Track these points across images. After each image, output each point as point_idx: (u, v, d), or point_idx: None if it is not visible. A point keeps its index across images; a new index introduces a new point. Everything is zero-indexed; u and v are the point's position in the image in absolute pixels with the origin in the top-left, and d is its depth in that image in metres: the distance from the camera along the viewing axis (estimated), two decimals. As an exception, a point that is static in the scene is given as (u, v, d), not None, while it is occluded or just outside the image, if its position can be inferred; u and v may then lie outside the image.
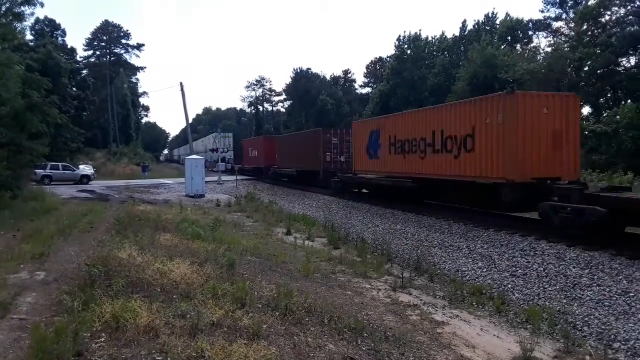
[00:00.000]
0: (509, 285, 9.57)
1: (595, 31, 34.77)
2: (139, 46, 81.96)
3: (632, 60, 34.39)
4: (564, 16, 42.75)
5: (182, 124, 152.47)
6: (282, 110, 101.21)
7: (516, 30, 47.27)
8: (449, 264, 11.44)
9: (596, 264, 9.70)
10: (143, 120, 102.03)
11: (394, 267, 11.04)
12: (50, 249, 9.92)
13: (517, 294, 9.13)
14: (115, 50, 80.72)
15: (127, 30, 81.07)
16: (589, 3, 35.94)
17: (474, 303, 8.53)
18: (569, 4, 41.86)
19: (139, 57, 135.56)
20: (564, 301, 8.42)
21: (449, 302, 8.54)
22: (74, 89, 52.72)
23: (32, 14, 22.87)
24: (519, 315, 7.87)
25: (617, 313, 7.68)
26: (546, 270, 9.93)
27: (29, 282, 7.57)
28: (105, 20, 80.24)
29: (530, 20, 46.11)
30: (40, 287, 7.28)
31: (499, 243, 12.27)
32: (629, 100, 33.17)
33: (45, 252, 9.51)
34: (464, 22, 61.75)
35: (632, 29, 32.87)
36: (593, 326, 7.39)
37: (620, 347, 6.73)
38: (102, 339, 5.06)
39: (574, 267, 9.78)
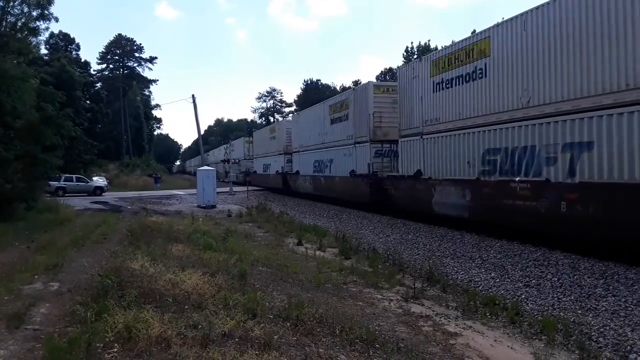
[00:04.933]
0: (523, 296, 9.45)
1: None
2: (151, 59, 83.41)
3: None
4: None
5: (194, 136, 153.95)
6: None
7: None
8: (462, 274, 11.34)
9: (611, 274, 9.57)
10: (155, 132, 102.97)
11: (406, 277, 10.95)
12: (64, 260, 10.03)
13: (531, 304, 9.01)
14: (129, 64, 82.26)
15: (140, 44, 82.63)
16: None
17: (488, 314, 8.41)
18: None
19: (151, 70, 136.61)
20: (579, 312, 8.30)
21: (462, 312, 8.44)
22: (88, 102, 53.60)
23: (47, 28, 23.28)
24: (533, 326, 7.74)
25: (633, 324, 7.54)
26: (560, 281, 9.80)
27: (43, 292, 7.65)
28: (118, 34, 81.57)
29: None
30: (54, 297, 7.35)
31: (512, 253, 12.16)
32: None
33: (59, 263, 9.61)
34: (474, 32, 61.40)
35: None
36: (609, 337, 7.26)
37: (636, 359, 6.61)
38: (115, 350, 5.09)
39: (588, 277, 9.65)
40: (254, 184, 46.14)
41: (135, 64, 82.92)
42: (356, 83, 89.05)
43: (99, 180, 39.44)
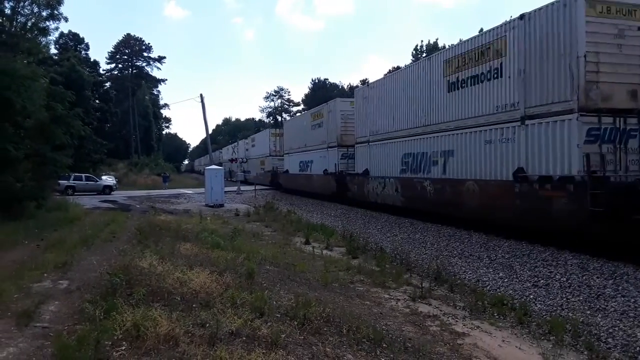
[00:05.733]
0: (531, 296, 9.40)
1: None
2: (160, 59, 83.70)
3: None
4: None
5: (202, 135, 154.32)
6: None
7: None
8: (470, 274, 11.30)
9: (621, 275, 9.49)
10: (164, 132, 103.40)
11: (413, 277, 10.94)
12: (73, 258, 10.09)
13: (540, 304, 8.96)
14: (137, 63, 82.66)
15: (149, 44, 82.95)
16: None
17: (495, 314, 8.39)
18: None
19: (160, 69, 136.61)
20: (588, 312, 8.24)
21: (469, 312, 8.42)
22: (97, 101, 54.03)
23: (57, 28, 23.56)
24: (541, 327, 7.71)
25: (643, 325, 7.48)
26: (569, 281, 9.74)
27: (52, 290, 7.70)
28: (127, 34, 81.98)
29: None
30: (63, 295, 7.40)
31: (521, 253, 12.09)
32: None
33: (69, 262, 9.67)
34: (481, 30, 61.09)
35: None
36: (618, 338, 7.21)
37: (647, 360, 6.54)
38: (123, 348, 5.12)
39: (597, 278, 9.58)
40: (285, 186, 38.99)
41: (144, 64, 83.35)
42: (363, 82, 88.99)
43: (108, 179, 39.68)
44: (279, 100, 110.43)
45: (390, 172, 20.97)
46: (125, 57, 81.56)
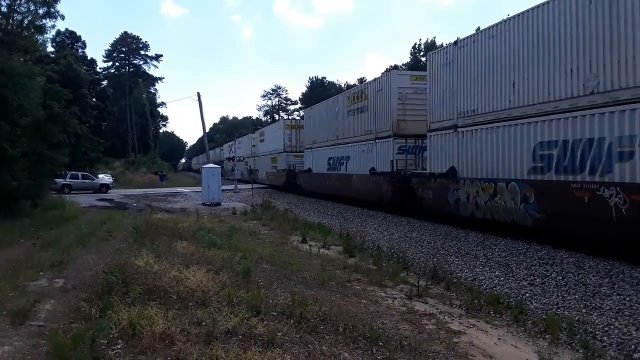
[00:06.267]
0: (527, 294, 9.42)
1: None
2: (157, 57, 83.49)
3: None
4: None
5: (200, 133, 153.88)
6: (298, 118, 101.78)
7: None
8: (466, 272, 11.32)
9: (616, 273, 9.52)
10: (161, 130, 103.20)
11: (410, 275, 10.93)
12: (69, 257, 10.06)
13: (536, 303, 8.98)
14: (134, 62, 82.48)
15: (146, 42, 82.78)
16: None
17: (492, 312, 8.39)
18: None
19: (157, 67, 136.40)
20: (584, 310, 8.26)
21: (465, 311, 8.42)
22: (94, 99, 53.92)
23: (53, 26, 23.49)
24: (537, 325, 7.72)
25: (638, 323, 7.50)
26: (565, 279, 9.76)
27: (48, 289, 7.67)
28: (124, 32, 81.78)
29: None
30: (58, 294, 7.38)
31: (517, 251, 12.12)
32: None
33: (64, 260, 9.64)
34: (478, 29, 61.18)
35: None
36: (613, 336, 7.22)
37: (641, 358, 6.55)
38: (119, 346, 5.11)
39: (593, 276, 9.61)
40: (306, 189, 32.17)
41: (141, 62, 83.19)
42: (361, 81, 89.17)
43: (104, 178, 39.61)
44: (277, 99, 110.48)
45: (505, 172, 13.75)
46: (122, 55, 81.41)
